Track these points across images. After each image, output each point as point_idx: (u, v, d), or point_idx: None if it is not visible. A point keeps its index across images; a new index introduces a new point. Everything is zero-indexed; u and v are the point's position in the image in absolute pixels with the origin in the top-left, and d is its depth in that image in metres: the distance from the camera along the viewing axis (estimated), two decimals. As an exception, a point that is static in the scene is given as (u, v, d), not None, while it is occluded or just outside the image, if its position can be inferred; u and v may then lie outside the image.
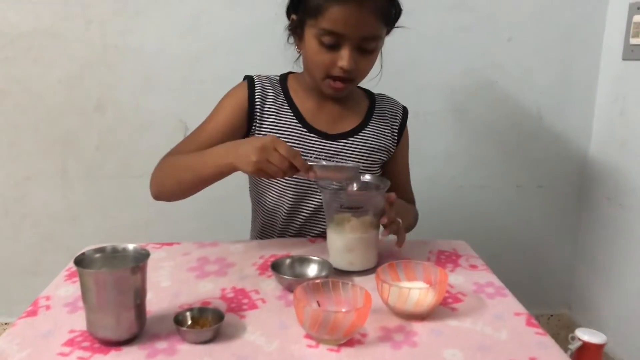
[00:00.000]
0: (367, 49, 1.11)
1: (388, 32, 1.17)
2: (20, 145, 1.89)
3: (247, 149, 0.99)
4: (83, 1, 1.79)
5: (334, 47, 1.10)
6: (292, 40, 1.21)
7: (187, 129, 1.90)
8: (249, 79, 1.25)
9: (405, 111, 1.34)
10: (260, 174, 0.98)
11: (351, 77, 1.14)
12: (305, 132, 1.22)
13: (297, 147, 1.21)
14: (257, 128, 1.22)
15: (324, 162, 1.13)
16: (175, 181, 1.14)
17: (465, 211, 1.25)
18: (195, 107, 1.87)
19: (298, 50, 1.21)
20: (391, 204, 1.05)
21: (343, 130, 1.24)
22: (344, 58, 1.09)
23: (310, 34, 1.12)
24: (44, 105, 1.86)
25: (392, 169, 1.33)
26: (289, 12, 1.19)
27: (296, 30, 1.17)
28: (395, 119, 1.31)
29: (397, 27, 1.18)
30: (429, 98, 1.92)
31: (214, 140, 1.16)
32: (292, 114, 1.23)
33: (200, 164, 1.08)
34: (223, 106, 1.24)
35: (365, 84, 1.24)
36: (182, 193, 1.16)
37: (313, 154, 1.21)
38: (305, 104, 1.24)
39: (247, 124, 1.23)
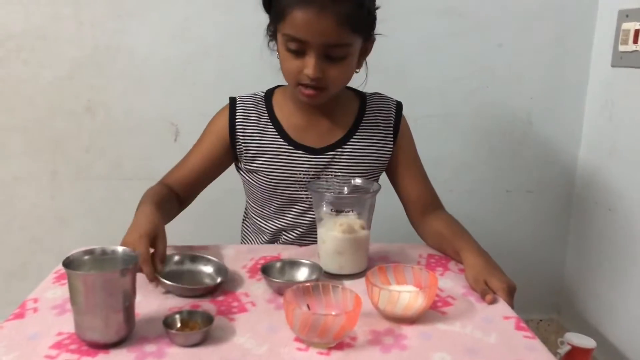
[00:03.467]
0: (334, 56, 1.06)
1: (368, 39, 1.13)
2: (10, 147, 1.87)
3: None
4: (74, 2, 1.78)
5: (300, 53, 1.07)
6: (273, 45, 1.17)
7: (177, 131, 1.89)
8: (231, 102, 1.24)
9: (399, 106, 1.27)
10: None
11: (321, 86, 1.09)
12: (292, 149, 1.20)
13: (284, 165, 1.20)
14: (244, 150, 1.22)
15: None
16: None
17: (455, 215, 1.25)
18: (186, 109, 1.88)
19: (278, 56, 1.17)
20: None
21: (331, 142, 1.21)
22: (308, 66, 1.06)
23: (279, 40, 1.10)
24: (34, 107, 1.85)
25: (400, 169, 1.27)
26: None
27: (273, 37, 1.14)
28: (388, 117, 1.25)
29: (378, 34, 1.14)
30: (420, 103, 1.93)
31: (195, 173, 1.22)
32: (276, 133, 1.20)
33: None
34: (206, 135, 1.25)
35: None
36: None
37: (301, 171, 1.20)
38: (290, 119, 1.21)
39: (231, 149, 1.23)
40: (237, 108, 1.22)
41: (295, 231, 1.26)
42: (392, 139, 1.26)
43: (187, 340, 0.80)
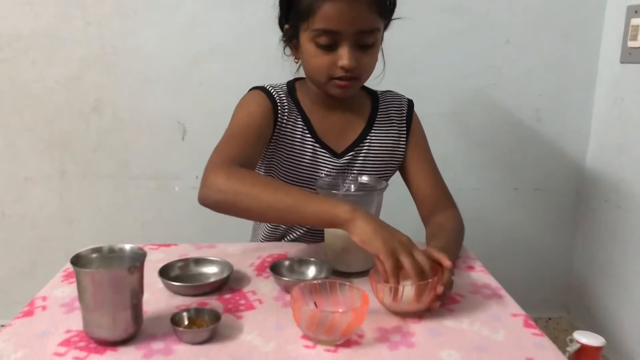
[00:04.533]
0: (366, 44, 1.07)
1: (386, 26, 1.14)
2: (18, 146, 1.89)
3: (384, 234, 0.89)
4: (81, 2, 1.79)
5: (331, 47, 1.07)
6: (288, 51, 1.18)
7: (184, 130, 1.90)
8: (262, 89, 1.19)
9: (410, 104, 1.29)
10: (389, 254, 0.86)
11: (355, 75, 1.10)
12: (318, 147, 1.19)
13: (310, 163, 1.19)
14: (275, 139, 1.18)
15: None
16: (260, 212, 0.98)
17: (463, 213, 1.24)
18: (193, 108, 1.89)
19: (296, 60, 1.17)
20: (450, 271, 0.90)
21: (349, 142, 1.21)
22: (343, 57, 1.06)
23: (305, 38, 1.09)
24: (42, 106, 1.86)
25: (411, 166, 1.26)
26: (281, 23, 1.16)
27: (291, 40, 1.14)
28: (401, 114, 1.26)
29: (395, 18, 1.14)
30: (427, 101, 1.89)
31: (259, 137, 1.11)
32: (305, 129, 1.19)
33: (304, 208, 0.93)
34: (249, 110, 1.14)
35: (367, 83, 1.23)
36: (253, 220, 1.12)
37: (323, 171, 1.20)
38: (314, 116, 1.20)
39: (272, 126, 1.17)
40: (274, 96, 1.18)
41: (304, 227, 1.26)
42: (405, 136, 1.26)
43: (194, 338, 0.80)
